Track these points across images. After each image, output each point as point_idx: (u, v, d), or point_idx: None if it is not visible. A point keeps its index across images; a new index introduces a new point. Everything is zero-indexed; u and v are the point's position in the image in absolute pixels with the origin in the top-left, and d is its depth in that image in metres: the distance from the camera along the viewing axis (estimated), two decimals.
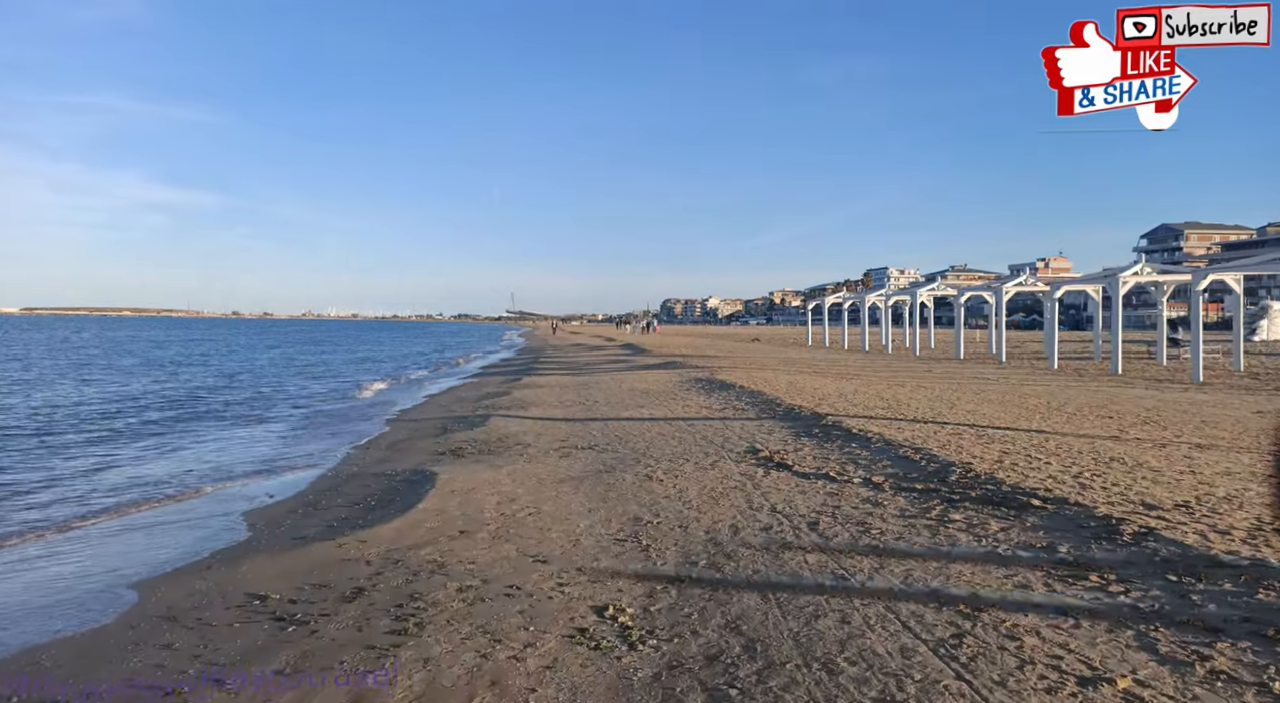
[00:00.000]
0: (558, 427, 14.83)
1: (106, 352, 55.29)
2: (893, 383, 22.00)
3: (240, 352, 58.71)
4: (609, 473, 10.01)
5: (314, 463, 12.59)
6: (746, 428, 13.41)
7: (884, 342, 47.68)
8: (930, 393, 18.75)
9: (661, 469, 10.01)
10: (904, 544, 6.31)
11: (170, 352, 57.30)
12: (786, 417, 14.46)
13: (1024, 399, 17.47)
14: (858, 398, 17.53)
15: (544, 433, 14.04)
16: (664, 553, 6.57)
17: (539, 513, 8.11)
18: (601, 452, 11.75)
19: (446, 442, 13.58)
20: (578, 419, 15.73)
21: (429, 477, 10.21)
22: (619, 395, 20.33)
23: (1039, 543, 6.12)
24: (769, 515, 7.52)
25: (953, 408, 15.60)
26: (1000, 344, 33.20)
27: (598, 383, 24.57)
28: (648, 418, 15.32)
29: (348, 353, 60.68)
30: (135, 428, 17.49)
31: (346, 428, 17.32)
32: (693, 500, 8.30)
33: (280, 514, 8.74)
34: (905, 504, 7.55)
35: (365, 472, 11.20)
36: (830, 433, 12.12)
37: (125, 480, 11.68)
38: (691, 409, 16.48)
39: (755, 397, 18.05)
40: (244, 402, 23.84)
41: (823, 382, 22.18)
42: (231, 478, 11.80)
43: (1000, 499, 7.42)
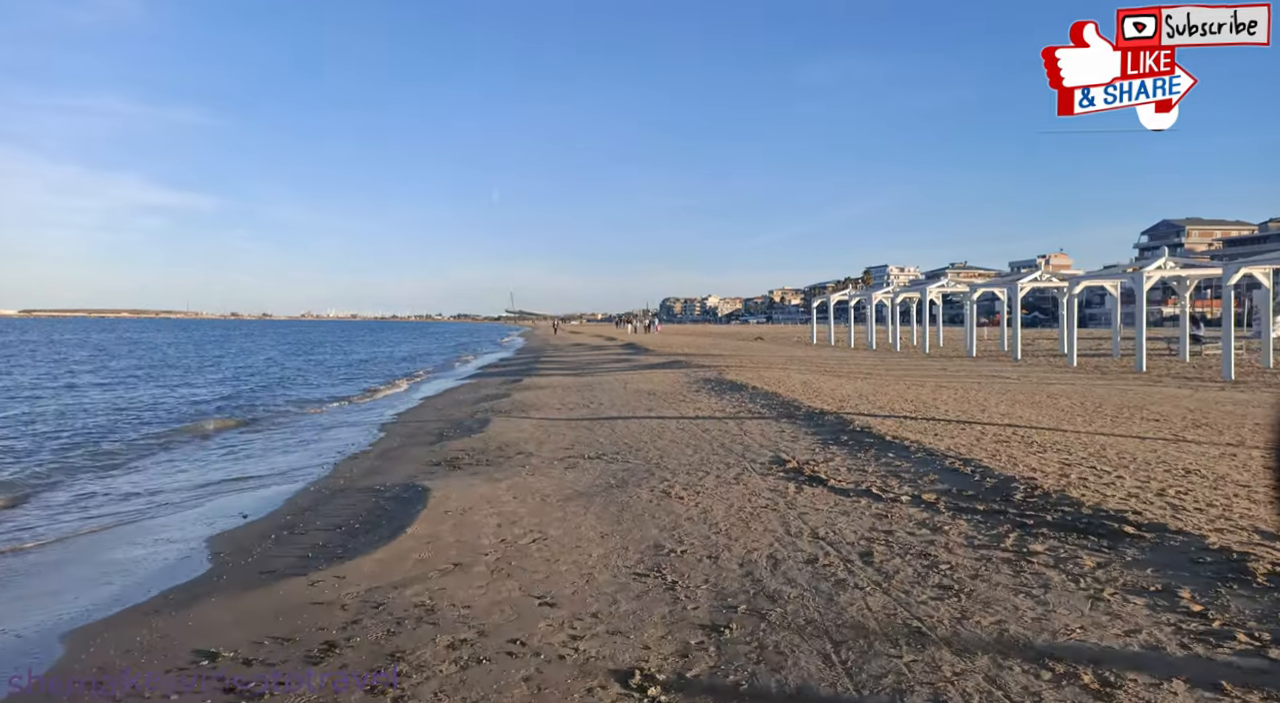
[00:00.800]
0: (562, 433, 13.79)
1: (99, 354, 54.26)
2: (911, 383, 20.97)
3: (235, 356, 57.69)
4: (621, 488, 8.97)
5: (297, 476, 11.54)
6: (767, 434, 12.37)
7: (891, 340, 46.66)
8: (955, 394, 17.72)
9: (680, 484, 8.97)
10: (984, 585, 5.27)
11: (182, 353, 56.28)
12: (809, 421, 13.41)
13: (1055, 400, 16.44)
14: (880, 400, 16.49)
15: (547, 440, 13.00)
16: (694, 593, 5.54)
17: (545, 539, 7.07)
18: (611, 462, 10.71)
19: (442, 451, 12.54)
20: (583, 424, 14.69)
21: (421, 494, 9.17)
22: (625, 398, 19.29)
23: (1152, 585, 5.08)
24: (811, 544, 6.48)
25: (984, 410, 14.57)
26: (1015, 342, 32.18)
27: (601, 384, 23.53)
28: (657, 423, 14.28)
29: (344, 355, 59.66)
30: (107, 441, 16.46)
31: (336, 435, 16.27)
32: (720, 523, 7.27)
33: (250, 540, 7.70)
34: (970, 531, 6.50)
35: (351, 487, 10.15)
36: (861, 440, 11.08)
37: (82, 497, 10.64)
38: (704, 413, 15.44)
39: (771, 399, 17.00)
40: (237, 408, 22.81)
41: (838, 382, 21.14)
42: (206, 493, 10.77)
43: (1084, 526, 6.38)
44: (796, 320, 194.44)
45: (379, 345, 78.01)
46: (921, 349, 40.87)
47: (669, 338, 66.83)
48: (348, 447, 14.13)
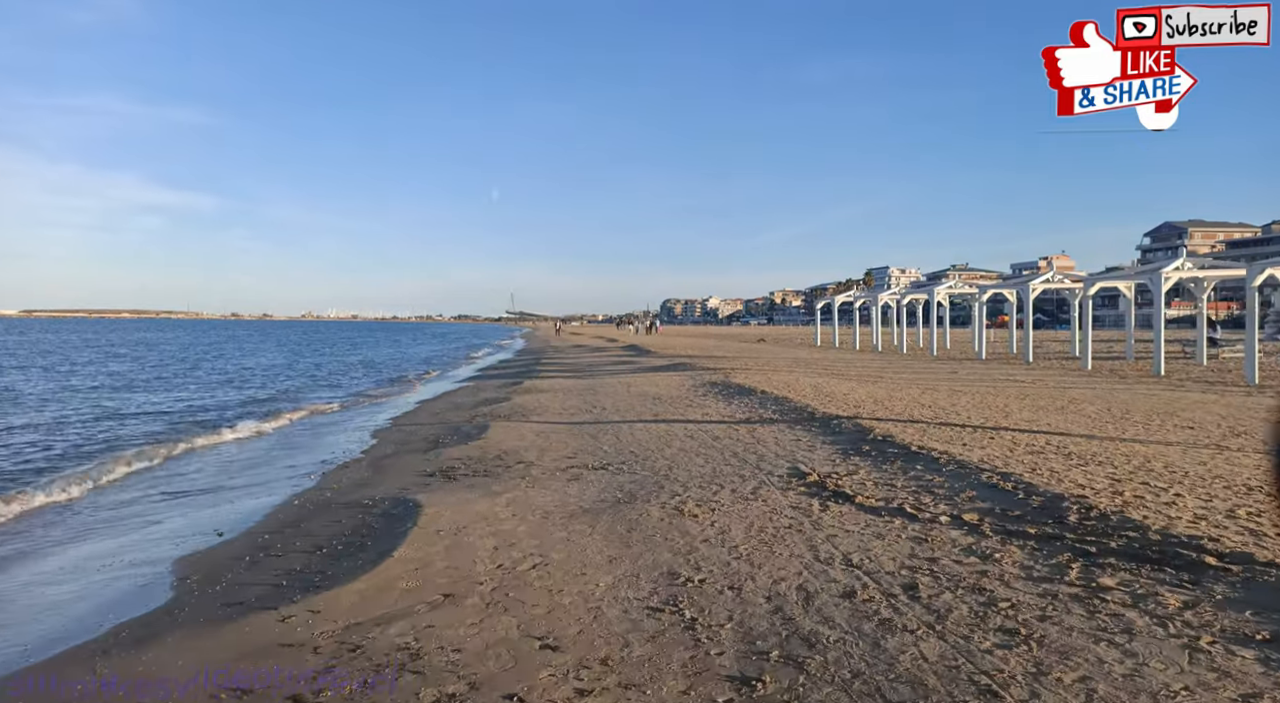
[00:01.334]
0: (563, 440, 13.08)
1: (103, 355, 53.59)
2: (925, 387, 20.25)
3: (232, 357, 57.07)
4: (629, 504, 8.26)
5: (281, 487, 10.83)
6: (781, 442, 11.66)
7: (897, 341, 45.92)
8: (972, 399, 17.00)
9: (692, 500, 8.26)
10: (1056, 630, 4.55)
11: (191, 354, 55.60)
12: (824, 429, 12.69)
13: (1078, 406, 15.73)
14: (896, 405, 15.77)
15: (548, 448, 12.29)
16: (717, 634, 4.83)
17: (546, 565, 6.36)
18: (617, 473, 10.01)
19: (437, 459, 11.83)
20: (586, 431, 13.97)
21: (412, 510, 8.45)
22: (628, 402, 18.58)
23: (1258, 633, 4.36)
24: (846, 573, 5.76)
25: (1007, 416, 13.86)
26: (1027, 344, 31.47)
27: (604, 388, 22.81)
28: (664, 430, 13.56)
29: (341, 356, 59.00)
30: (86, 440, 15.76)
31: (326, 441, 15.56)
32: (740, 546, 6.56)
33: (221, 564, 6.98)
34: (1026, 559, 5.78)
35: (337, 500, 9.43)
36: (885, 451, 10.36)
37: (51, 509, 9.94)
38: (712, 419, 14.72)
39: (782, 404, 16.28)
40: (228, 410, 22.10)
41: (849, 386, 20.42)
42: (182, 506, 10.06)
43: (1156, 555, 5.66)
44: (797, 322, 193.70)
45: (378, 346, 77.32)
46: (929, 352, 40.15)
47: (670, 339, 66.11)
48: (338, 454, 13.41)
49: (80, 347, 66.17)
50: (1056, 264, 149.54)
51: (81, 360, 45.82)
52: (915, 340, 46.68)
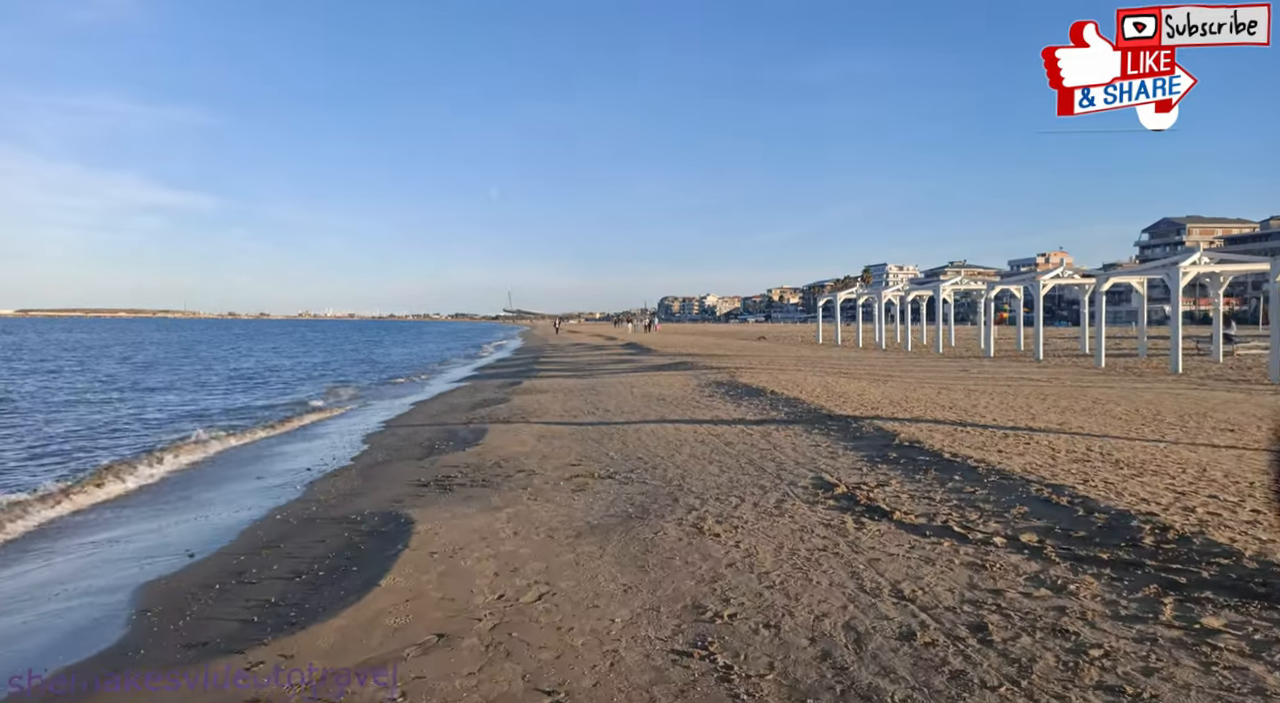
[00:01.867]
0: (567, 445, 12.34)
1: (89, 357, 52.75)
2: (939, 386, 19.52)
3: (229, 357, 56.32)
4: (642, 520, 7.52)
5: (263, 498, 10.07)
6: (800, 448, 10.92)
7: (900, 339, 45.19)
8: (992, 399, 16.26)
9: (712, 515, 7.52)
10: (1169, 689, 3.80)
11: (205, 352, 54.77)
12: (844, 432, 11.95)
13: (1103, 406, 15.00)
14: (913, 406, 15.04)
15: (551, 454, 11.55)
16: (758, 688, 4.09)
17: (553, 595, 5.62)
18: (625, 483, 9.27)
19: (433, 467, 11.08)
20: (589, 435, 13.23)
21: (403, 527, 7.70)
22: (633, 403, 17.84)
23: None
24: (899, 608, 5.02)
25: (1034, 418, 13.12)
26: (1038, 341, 30.75)
27: (606, 387, 22.06)
28: (672, 434, 12.82)
29: (334, 356, 58.20)
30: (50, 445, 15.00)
31: (317, 446, 14.79)
32: (771, 573, 5.81)
33: (188, 592, 6.23)
34: (1106, 592, 5.04)
35: (323, 515, 8.67)
36: (914, 458, 9.62)
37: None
38: (723, 422, 13.97)
39: (794, 405, 15.54)
40: (214, 414, 21.34)
41: (861, 386, 19.69)
42: (158, 516, 9.31)
43: (1262, 587, 4.91)
44: (795, 319, 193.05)
45: (378, 346, 76.55)
46: (934, 349, 39.44)
47: (670, 337, 65.35)
48: (328, 461, 12.65)
49: (95, 347, 65.31)
50: (1054, 260, 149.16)
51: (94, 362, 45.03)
52: (918, 338, 45.93)
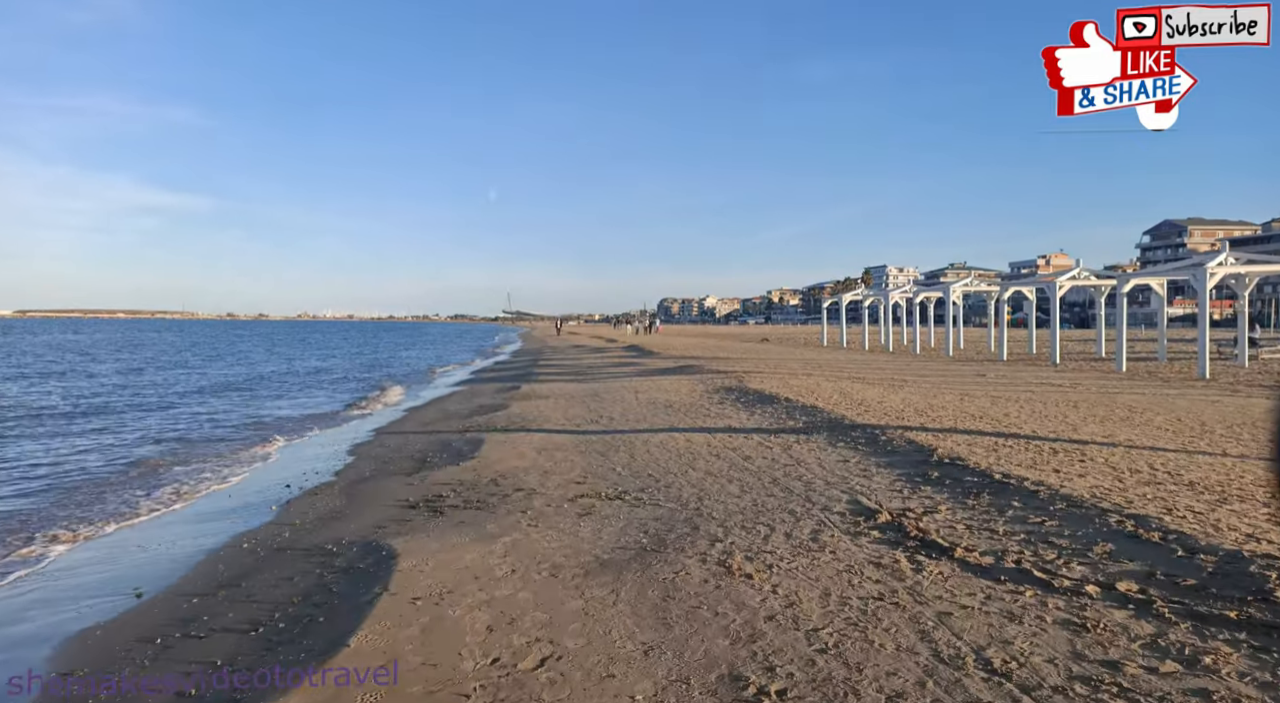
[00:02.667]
0: (569, 459, 11.34)
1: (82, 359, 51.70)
2: (960, 392, 18.52)
3: (221, 360, 55.35)
4: (658, 553, 6.52)
5: (231, 521, 9.05)
6: (827, 464, 9.92)
7: (907, 342, 44.18)
8: (1021, 407, 15.26)
9: (740, 549, 6.51)
10: None
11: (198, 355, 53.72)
12: (873, 445, 10.95)
13: (1142, 415, 14.02)
14: (940, 414, 14.04)
15: (552, 469, 10.55)
16: None
17: (558, 658, 4.61)
18: (636, 505, 8.27)
19: (423, 484, 10.08)
20: (594, 446, 12.23)
21: (384, 562, 6.68)
22: (638, 410, 16.84)
23: None
24: (992, 688, 4.01)
25: (1075, 429, 12.14)
26: (1054, 345, 29.79)
27: (609, 393, 21.06)
28: (684, 445, 11.82)
29: (324, 359, 57.15)
30: None
31: (298, 457, 13.77)
32: (821, 630, 4.81)
33: (121, 649, 5.21)
34: (1253, 667, 4.01)
35: (295, 544, 7.65)
36: (960, 478, 8.61)
37: None
38: (736, 430, 12.97)
39: (812, 414, 14.54)
40: (184, 429, 20.33)
41: (878, 392, 18.69)
42: (108, 543, 8.28)
43: None
44: (795, 321, 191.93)
45: (376, 348, 75.53)
46: (944, 352, 38.46)
47: (671, 339, 64.34)
48: (308, 475, 11.64)
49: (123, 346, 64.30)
50: (1055, 262, 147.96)
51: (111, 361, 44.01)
52: (924, 341, 44.89)
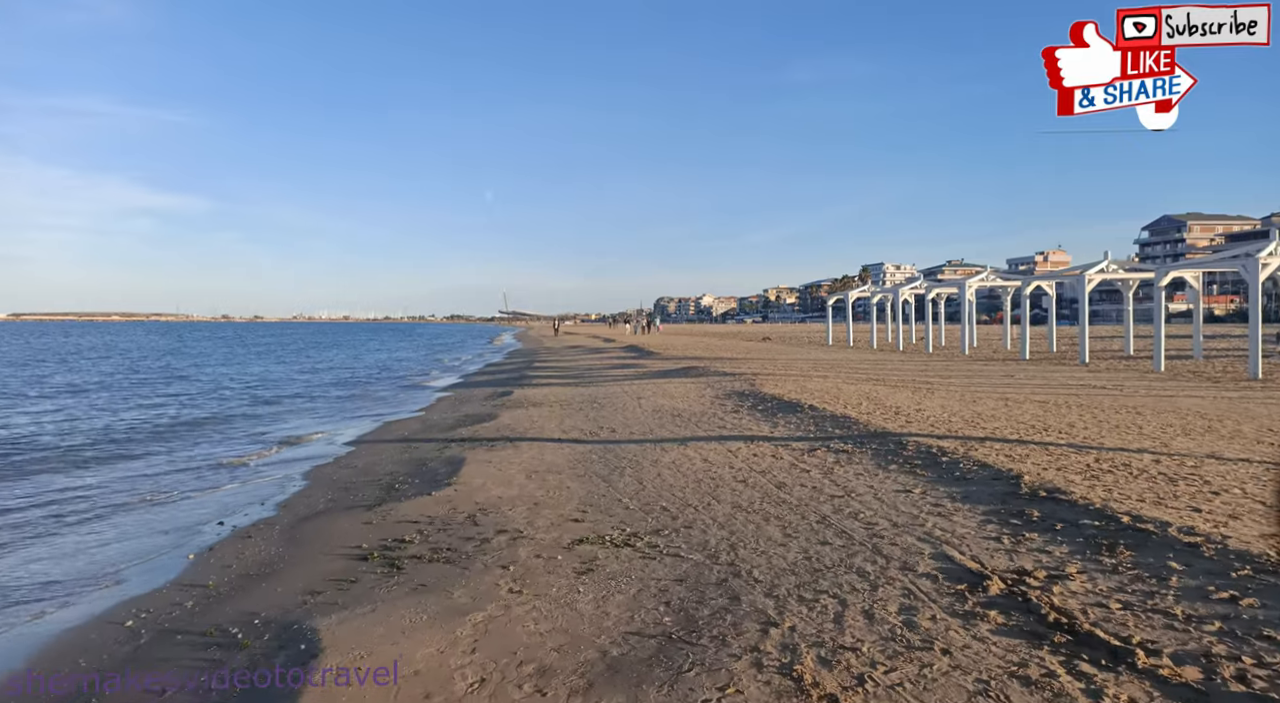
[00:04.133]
0: (565, 484, 9.40)
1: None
2: (1000, 397, 16.57)
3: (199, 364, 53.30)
4: (690, 648, 4.58)
5: (126, 578, 7.07)
6: (884, 495, 7.97)
7: (914, 339, 42.27)
8: (1082, 414, 13.33)
9: (805, 640, 4.56)
10: None
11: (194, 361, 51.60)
12: (932, 468, 8.99)
13: (1225, 424, 12.09)
14: (993, 423, 12.12)
15: (545, 500, 8.61)
16: None
17: None
18: (651, 556, 6.34)
19: (384, 523, 8.11)
20: (594, 468, 10.29)
21: (300, 659, 4.71)
22: (643, 420, 14.91)
23: None
24: None
25: (1165, 444, 10.23)
26: (1083, 343, 27.88)
27: (610, 399, 19.10)
28: (701, 466, 9.89)
29: (318, 359, 55.07)
30: None
31: (250, 476, 11.79)
32: None
33: None
34: None
35: (191, 624, 5.64)
36: (1072, 520, 6.64)
37: None
38: (759, 441, 11.03)
39: (844, 425, 12.59)
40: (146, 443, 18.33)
41: (909, 397, 16.74)
42: None
43: None
44: (792, 319, 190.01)
45: (373, 349, 73.45)
46: (960, 350, 36.56)
47: (670, 338, 62.39)
48: (251, 506, 9.67)
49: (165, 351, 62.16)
50: (1053, 259, 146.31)
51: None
52: (929, 338, 42.99)
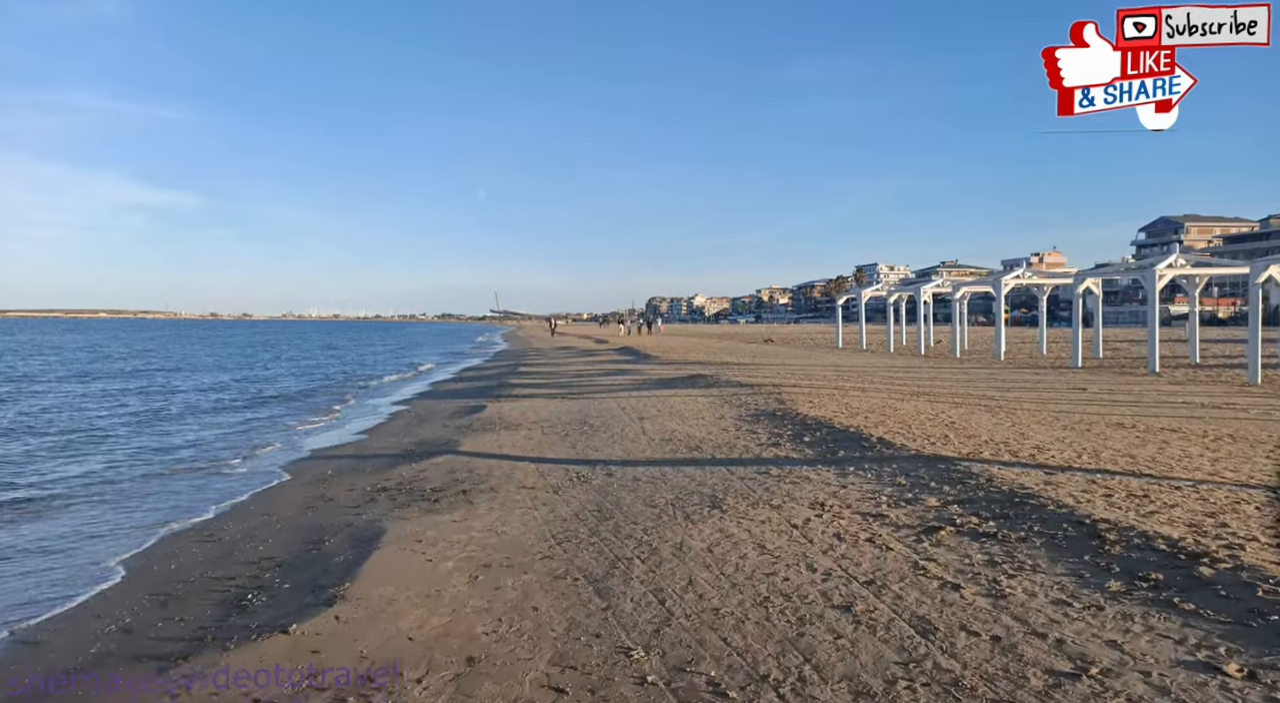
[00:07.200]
0: (531, 602, 5.58)
1: None
2: (1118, 423, 12.75)
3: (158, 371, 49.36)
4: None
5: None
6: (1164, 670, 4.19)
7: (951, 342, 38.60)
8: (1201, 443, 9.56)
9: None
10: None
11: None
12: (1166, 587, 5.21)
13: None
14: (1092, 458, 8.35)
15: (489, 654, 4.79)
16: None
17: None
18: None
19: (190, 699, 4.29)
20: (582, 547, 6.48)
21: None
22: (647, 450, 11.17)
23: None
24: None
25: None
26: (1152, 349, 24.29)
27: (604, 418, 15.25)
28: (755, 557, 6.09)
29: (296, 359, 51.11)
30: None
31: (124, 526, 7.93)
32: None
33: None
34: None
35: None
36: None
37: None
38: (845, 520, 7.21)
39: (950, 477, 8.79)
40: None
41: (993, 422, 12.91)
42: None
43: None
44: (786, 320, 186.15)
45: (372, 349, 69.44)
46: (994, 355, 32.90)
47: (666, 340, 58.45)
48: (89, 587, 5.86)
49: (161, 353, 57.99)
50: (1048, 260, 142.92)
51: None
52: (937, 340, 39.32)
